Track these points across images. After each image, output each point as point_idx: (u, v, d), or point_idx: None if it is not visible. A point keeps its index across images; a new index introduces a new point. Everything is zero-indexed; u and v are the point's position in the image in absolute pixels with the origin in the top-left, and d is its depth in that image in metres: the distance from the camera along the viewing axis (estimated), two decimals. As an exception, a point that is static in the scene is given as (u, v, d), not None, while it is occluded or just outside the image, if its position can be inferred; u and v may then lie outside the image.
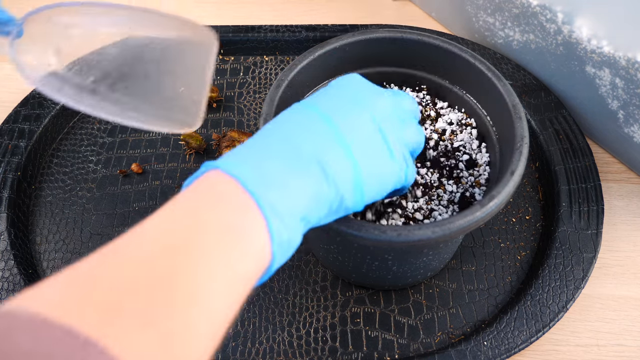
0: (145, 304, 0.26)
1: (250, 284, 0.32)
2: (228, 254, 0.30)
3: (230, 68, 0.69)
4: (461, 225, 0.39)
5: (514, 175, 0.41)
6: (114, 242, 0.29)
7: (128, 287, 0.26)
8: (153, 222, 0.30)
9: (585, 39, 0.55)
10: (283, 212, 0.32)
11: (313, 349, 0.50)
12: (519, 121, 0.44)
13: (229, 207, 0.31)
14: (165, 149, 0.63)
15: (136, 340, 0.24)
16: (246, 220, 0.31)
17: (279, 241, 0.32)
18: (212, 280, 0.28)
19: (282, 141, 0.35)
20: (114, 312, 0.25)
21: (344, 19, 0.75)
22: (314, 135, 0.36)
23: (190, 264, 0.28)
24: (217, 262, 0.29)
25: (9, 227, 0.55)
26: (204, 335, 0.28)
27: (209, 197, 0.31)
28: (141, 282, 0.26)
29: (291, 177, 0.34)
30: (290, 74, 0.47)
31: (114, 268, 0.27)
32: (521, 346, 0.48)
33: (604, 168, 0.61)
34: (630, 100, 0.54)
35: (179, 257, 0.28)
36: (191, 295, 0.27)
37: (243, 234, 0.31)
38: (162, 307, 0.26)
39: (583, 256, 0.52)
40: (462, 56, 0.48)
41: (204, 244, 0.29)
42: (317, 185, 0.34)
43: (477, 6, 0.65)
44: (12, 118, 0.62)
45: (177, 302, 0.27)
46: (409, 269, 0.48)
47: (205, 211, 0.31)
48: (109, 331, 0.24)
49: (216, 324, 0.29)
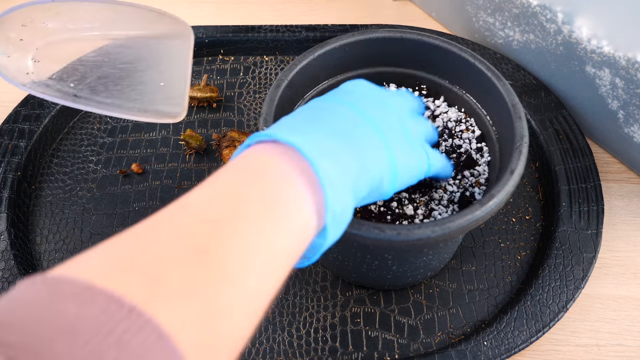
0: (188, 276, 0.25)
1: (292, 260, 0.31)
2: (270, 228, 0.29)
3: (230, 68, 0.69)
4: (461, 224, 0.39)
5: (514, 175, 0.41)
6: (157, 214, 0.29)
7: (170, 259, 0.26)
8: (197, 195, 0.30)
9: (585, 39, 0.55)
10: (337, 182, 0.32)
11: (313, 349, 0.50)
12: (518, 121, 0.44)
13: (273, 177, 0.31)
14: (165, 149, 0.63)
15: (180, 311, 0.24)
16: (292, 190, 0.31)
17: (332, 213, 0.32)
18: (252, 255, 0.28)
19: (327, 123, 0.36)
20: (157, 282, 0.25)
21: (344, 19, 0.75)
22: (354, 124, 0.37)
23: (230, 238, 0.28)
24: (257, 236, 0.29)
25: (9, 227, 0.55)
26: (244, 312, 0.28)
27: (251, 167, 0.31)
28: (183, 253, 0.26)
29: (342, 151, 0.34)
30: (290, 74, 0.47)
31: (156, 240, 0.27)
32: (521, 346, 0.48)
33: (604, 168, 0.61)
34: (630, 100, 0.54)
35: (218, 230, 0.28)
36: (230, 271, 0.27)
37: (287, 206, 0.30)
38: (203, 281, 0.26)
39: (583, 256, 0.52)
40: (462, 56, 0.48)
41: (245, 217, 0.29)
42: (361, 162, 0.35)
43: (477, 6, 0.65)
44: (12, 118, 0.62)
45: (216, 276, 0.26)
46: (409, 268, 0.48)
47: (248, 183, 0.30)
48: (153, 300, 0.24)
49: (255, 300, 0.28)
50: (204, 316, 0.25)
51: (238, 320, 0.27)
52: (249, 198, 0.30)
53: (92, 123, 0.65)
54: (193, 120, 0.65)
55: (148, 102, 0.46)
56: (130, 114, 0.44)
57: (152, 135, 0.64)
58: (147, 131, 0.64)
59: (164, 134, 0.64)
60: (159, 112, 0.45)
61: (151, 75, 0.46)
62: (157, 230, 0.28)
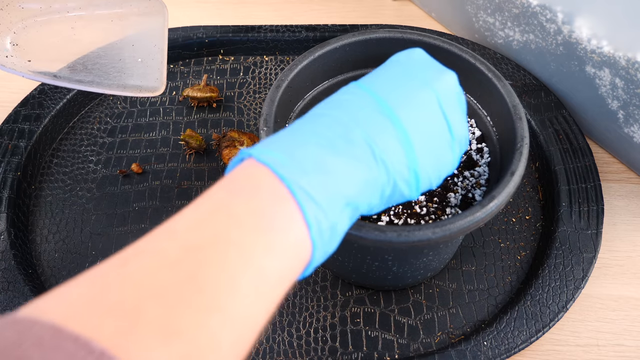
0: (169, 311, 0.24)
1: (287, 281, 0.30)
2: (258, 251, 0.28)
3: (230, 68, 0.69)
4: (461, 225, 0.39)
5: (514, 176, 0.41)
6: (141, 240, 0.27)
7: (151, 293, 0.24)
8: (181, 219, 0.29)
9: (585, 39, 0.55)
10: (320, 198, 0.30)
11: (313, 349, 0.50)
12: (519, 122, 0.44)
13: (263, 199, 0.29)
14: (165, 149, 0.63)
15: (158, 354, 0.23)
16: (280, 212, 0.29)
17: (318, 229, 0.30)
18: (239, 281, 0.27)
19: (328, 123, 0.33)
20: (134, 320, 0.23)
21: (344, 19, 0.75)
22: (365, 117, 0.33)
23: (216, 264, 0.26)
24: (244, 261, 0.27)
25: (9, 227, 0.55)
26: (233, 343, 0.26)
27: (241, 189, 0.30)
28: (164, 285, 0.25)
29: (335, 161, 0.31)
30: (290, 74, 0.47)
31: (136, 271, 0.25)
32: (521, 346, 0.48)
33: (604, 168, 0.61)
34: (630, 100, 0.54)
35: (203, 258, 0.26)
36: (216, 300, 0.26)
37: (276, 228, 0.29)
38: (185, 315, 0.24)
39: (583, 256, 0.52)
40: (463, 56, 0.48)
41: (233, 241, 0.27)
42: (367, 169, 0.32)
43: (477, 6, 0.65)
44: (12, 118, 0.62)
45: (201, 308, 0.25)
46: (409, 269, 0.48)
47: (236, 205, 0.29)
48: (128, 343, 0.22)
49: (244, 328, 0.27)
50: (188, 355, 0.24)
51: (226, 352, 0.26)
52: (237, 220, 0.28)
53: (92, 123, 0.65)
54: (193, 120, 0.65)
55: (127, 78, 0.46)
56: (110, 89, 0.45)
57: (152, 135, 0.64)
58: (147, 131, 0.64)
59: (164, 134, 0.64)
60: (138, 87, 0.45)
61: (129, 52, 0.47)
62: (138, 260, 0.26)
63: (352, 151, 0.32)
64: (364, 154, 0.32)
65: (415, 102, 0.35)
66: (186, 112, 0.65)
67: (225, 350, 0.26)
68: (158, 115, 0.65)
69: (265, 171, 0.30)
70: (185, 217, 0.29)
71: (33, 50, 0.47)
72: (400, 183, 0.34)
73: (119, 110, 0.66)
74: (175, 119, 0.65)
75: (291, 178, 0.30)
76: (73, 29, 0.48)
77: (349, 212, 0.32)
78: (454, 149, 0.36)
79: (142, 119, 0.65)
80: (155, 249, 0.27)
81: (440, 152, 0.35)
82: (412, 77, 0.36)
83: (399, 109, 0.34)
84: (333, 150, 0.32)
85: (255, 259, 0.28)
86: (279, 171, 0.30)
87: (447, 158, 0.36)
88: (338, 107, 0.34)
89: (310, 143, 0.32)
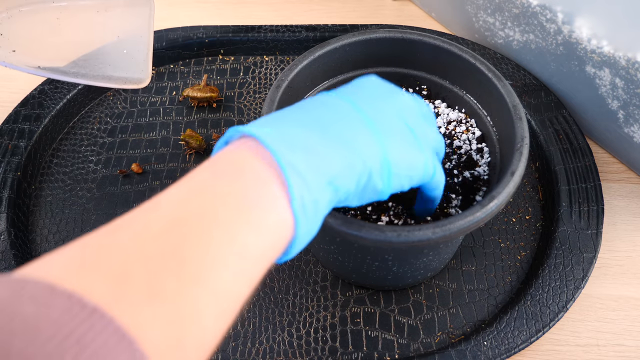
0: (155, 277, 0.25)
1: (269, 258, 0.31)
2: (241, 228, 0.29)
3: (230, 68, 0.69)
4: (461, 225, 0.39)
5: (514, 176, 0.41)
6: (130, 212, 0.28)
7: (138, 260, 0.26)
8: (171, 193, 0.30)
9: (585, 39, 0.55)
10: (305, 171, 0.31)
11: (313, 349, 0.50)
12: (519, 122, 0.44)
13: (246, 180, 0.30)
14: (165, 149, 0.63)
15: (145, 313, 0.24)
16: (264, 192, 0.30)
17: (301, 203, 0.31)
18: (222, 256, 0.28)
19: (312, 116, 0.35)
20: (124, 282, 0.24)
21: (344, 19, 0.75)
22: (343, 115, 0.36)
23: (200, 238, 0.27)
24: (228, 236, 0.28)
25: (9, 227, 0.55)
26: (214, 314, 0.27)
27: (225, 171, 0.31)
28: (151, 254, 0.26)
29: (319, 142, 0.33)
30: (290, 74, 0.47)
31: (125, 239, 0.27)
32: (521, 346, 0.48)
33: (604, 168, 0.61)
34: (630, 100, 0.54)
35: (188, 230, 0.27)
36: (199, 272, 0.27)
37: (260, 204, 0.30)
38: (170, 282, 0.25)
39: (583, 256, 0.52)
40: (462, 56, 0.48)
41: (216, 217, 0.28)
42: (347, 155, 0.34)
43: (477, 6, 0.65)
44: (12, 118, 0.62)
45: (184, 278, 0.26)
46: (409, 269, 0.48)
47: (222, 182, 0.30)
48: (117, 301, 0.23)
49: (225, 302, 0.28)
50: (171, 319, 0.25)
51: (208, 323, 0.27)
52: (222, 197, 0.29)
53: (92, 123, 0.65)
54: (193, 120, 0.65)
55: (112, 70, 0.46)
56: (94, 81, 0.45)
57: (152, 135, 0.64)
58: (147, 131, 0.64)
59: (164, 134, 0.64)
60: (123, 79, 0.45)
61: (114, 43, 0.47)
62: (127, 229, 0.27)
63: (333, 138, 0.34)
64: (343, 143, 0.34)
65: (381, 110, 0.37)
66: (186, 112, 0.65)
67: (207, 321, 0.27)
68: (158, 115, 0.65)
69: (249, 152, 0.31)
70: (170, 194, 0.30)
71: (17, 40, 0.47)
72: (374, 175, 0.35)
73: (119, 110, 0.66)
74: (175, 119, 0.65)
75: (280, 151, 0.31)
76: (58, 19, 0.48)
77: (330, 191, 0.33)
78: (422, 152, 0.38)
79: (142, 119, 0.65)
80: (142, 220, 0.28)
81: (409, 155, 0.37)
82: (374, 94, 0.39)
83: (370, 112, 0.36)
84: (316, 135, 0.34)
85: (238, 235, 0.29)
86: (269, 144, 0.31)
87: (417, 162, 0.37)
88: (319, 106, 0.36)
89: (296, 125, 0.34)
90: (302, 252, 0.55)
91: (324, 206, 0.33)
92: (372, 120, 0.36)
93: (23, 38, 0.47)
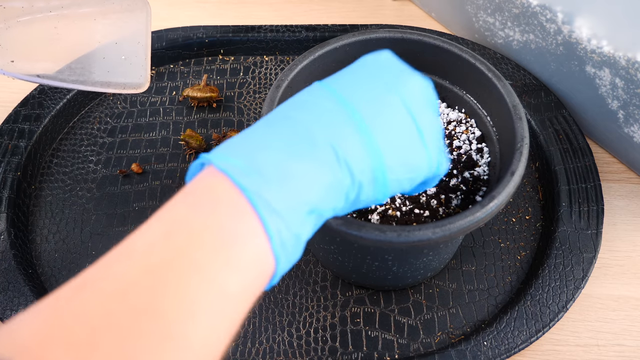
0: (123, 341, 0.23)
1: (250, 297, 0.29)
2: (219, 269, 0.27)
3: (230, 68, 0.69)
4: (461, 225, 0.39)
5: (514, 176, 0.41)
6: (98, 262, 0.26)
7: (106, 323, 0.23)
8: (141, 236, 0.28)
9: (585, 39, 0.55)
10: (282, 208, 0.29)
11: (313, 349, 0.50)
12: (519, 122, 0.44)
13: (223, 213, 0.28)
14: (165, 149, 0.63)
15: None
16: (241, 226, 0.28)
17: (280, 241, 0.29)
18: (200, 302, 0.26)
19: (290, 125, 0.32)
20: (89, 354, 0.22)
21: (344, 19, 0.75)
22: (328, 118, 0.32)
23: (175, 287, 0.25)
24: (205, 280, 0.26)
25: (9, 227, 0.55)
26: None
27: (201, 203, 0.29)
28: (120, 314, 0.24)
29: (297, 165, 0.30)
30: (290, 74, 0.47)
31: (92, 300, 0.24)
32: (521, 346, 0.48)
33: (604, 168, 0.61)
34: (630, 100, 0.54)
35: (161, 279, 0.25)
36: (175, 326, 0.25)
37: (237, 243, 0.28)
38: (142, 346, 0.23)
39: (583, 256, 0.52)
40: (462, 56, 0.48)
41: (192, 260, 0.26)
42: (330, 173, 0.31)
43: (477, 6, 0.65)
44: (12, 118, 0.62)
45: (158, 336, 0.24)
46: (409, 269, 0.48)
47: (195, 220, 0.28)
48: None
49: (206, 349, 0.26)
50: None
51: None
52: (197, 235, 0.27)
53: (92, 123, 0.65)
54: (193, 120, 0.65)
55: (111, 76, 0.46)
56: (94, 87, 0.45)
57: (152, 135, 0.64)
58: (147, 131, 0.64)
59: (164, 134, 0.64)
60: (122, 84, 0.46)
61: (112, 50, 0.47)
62: (93, 287, 0.25)
63: (316, 154, 0.31)
64: (327, 157, 0.31)
65: (380, 104, 0.33)
66: (186, 112, 0.65)
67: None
68: (158, 115, 0.65)
69: (224, 181, 0.29)
70: (143, 235, 0.28)
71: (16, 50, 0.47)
72: (366, 186, 0.33)
73: (119, 110, 0.66)
74: (175, 119, 0.65)
75: (252, 188, 0.29)
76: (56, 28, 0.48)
77: (312, 219, 0.31)
78: (427, 151, 0.35)
79: (142, 119, 0.65)
80: (111, 274, 0.26)
81: (410, 155, 0.34)
82: (378, 80, 0.35)
83: (363, 110, 0.33)
84: (296, 155, 0.31)
85: (215, 278, 0.27)
86: (239, 181, 0.29)
87: (419, 161, 0.34)
88: (301, 108, 0.33)
89: (272, 147, 0.31)
90: (302, 252, 0.55)
91: (307, 235, 0.31)
92: (366, 119, 0.33)
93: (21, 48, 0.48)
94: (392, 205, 0.45)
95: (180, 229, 0.28)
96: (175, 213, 0.29)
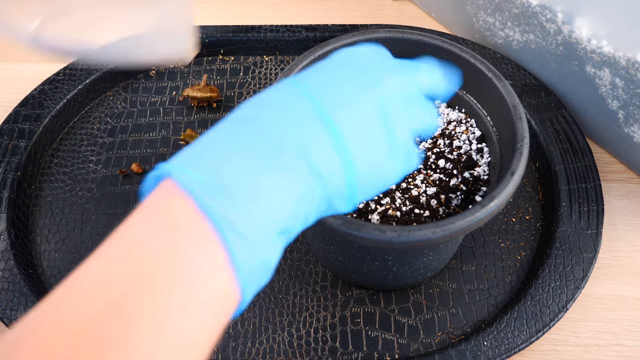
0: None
1: (214, 334, 0.26)
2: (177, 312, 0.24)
3: (230, 68, 0.69)
4: (461, 225, 0.39)
5: (514, 176, 0.41)
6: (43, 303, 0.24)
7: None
8: (90, 273, 0.25)
9: (585, 39, 0.55)
10: (251, 233, 0.26)
11: (313, 349, 0.50)
12: (519, 122, 0.44)
13: (182, 239, 0.25)
14: (165, 149, 0.63)
15: None
16: (204, 257, 0.25)
17: (248, 272, 0.26)
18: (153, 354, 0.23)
19: (259, 129, 0.29)
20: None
21: (344, 19, 0.75)
22: (299, 121, 0.29)
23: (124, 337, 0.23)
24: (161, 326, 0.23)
25: (9, 227, 0.55)
26: None
27: (158, 226, 0.25)
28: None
29: (266, 177, 0.27)
30: (290, 74, 0.47)
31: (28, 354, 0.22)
32: (521, 346, 0.48)
33: (604, 168, 0.61)
34: (630, 100, 0.54)
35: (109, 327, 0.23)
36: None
37: (199, 276, 0.25)
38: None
39: (583, 256, 0.52)
40: (462, 56, 0.48)
41: (143, 302, 0.23)
42: (302, 181, 0.28)
43: (477, 6, 0.65)
44: (12, 118, 0.62)
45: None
46: (409, 269, 0.48)
47: (152, 243, 0.25)
48: None
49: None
50: None
51: None
52: (152, 271, 0.24)
53: (92, 123, 0.65)
54: (193, 120, 0.65)
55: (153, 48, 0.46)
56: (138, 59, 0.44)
57: (152, 135, 0.64)
58: (147, 131, 0.64)
59: (164, 134, 0.64)
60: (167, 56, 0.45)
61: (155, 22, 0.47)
62: (32, 338, 0.23)
63: (286, 162, 0.28)
64: (298, 164, 0.28)
65: (354, 106, 0.31)
66: (186, 112, 0.65)
67: None
68: (158, 115, 0.65)
69: (184, 200, 0.26)
70: (93, 269, 0.25)
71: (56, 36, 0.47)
72: (335, 198, 0.30)
73: (119, 110, 0.66)
74: (175, 119, 0.65)
75: (217, 211, 0.25)
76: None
77: (283, 239, 0.29)
78: (396, 159, 0.32)
79: (142, 119, 0.65)
80: (50, 322, 0.23)
81: (381, 164, 0.32)
82: (354, 78, 0.32)
83: (336, 112, 0.30)
84: (264, 164, 0.28)
85: (173, 320, 0.24)
86: (203, 201, 0.26)
87: (388, 172, 0.32)
88: (269, 107, 0.30)
89: (238, 155, 0.28)
90: (302, 252, 0.55)
91: (277, 259, 0.28)
92: (336, 121, 0.30)
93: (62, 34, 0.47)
94: (392, 205, 0.45)
95: (132, 264, 0.25)
96: (127, 242, 0.26)
